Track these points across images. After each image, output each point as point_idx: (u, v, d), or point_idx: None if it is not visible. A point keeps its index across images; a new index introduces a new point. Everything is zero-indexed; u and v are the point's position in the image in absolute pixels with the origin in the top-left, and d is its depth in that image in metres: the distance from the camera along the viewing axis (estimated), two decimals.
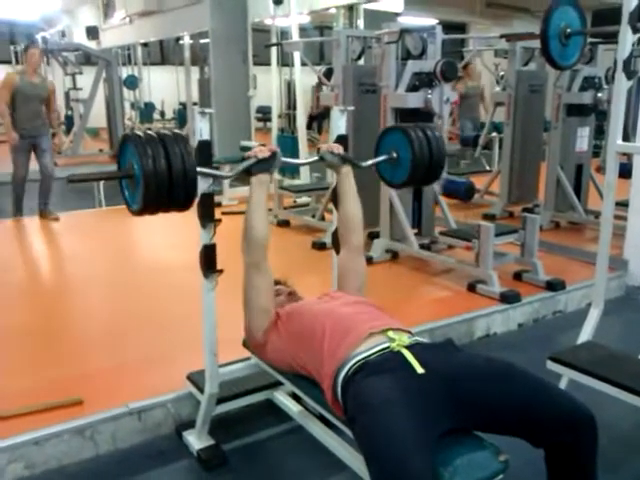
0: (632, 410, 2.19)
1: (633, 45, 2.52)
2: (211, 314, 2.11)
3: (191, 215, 2.00)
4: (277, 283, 2.18)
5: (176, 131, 1.85)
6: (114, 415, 2.36)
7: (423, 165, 2.26)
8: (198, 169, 1.81)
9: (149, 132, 1.78)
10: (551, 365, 2.35)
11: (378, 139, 2.42)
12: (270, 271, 2.00)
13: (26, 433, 2.22)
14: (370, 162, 2.34)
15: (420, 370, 1.55)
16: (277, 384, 2.39)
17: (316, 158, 2.21)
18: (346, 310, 1.87)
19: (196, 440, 2.32)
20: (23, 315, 3.46)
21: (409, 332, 1.77)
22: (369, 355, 1.64)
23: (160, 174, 1.69)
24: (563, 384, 2.44)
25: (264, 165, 1.97)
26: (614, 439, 2.32)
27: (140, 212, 1.77)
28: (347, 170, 2.17)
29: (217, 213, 2.04)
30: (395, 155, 2.30)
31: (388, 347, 1.65)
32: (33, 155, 5.73)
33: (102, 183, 6.26)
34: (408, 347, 1.64)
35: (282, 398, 2.40)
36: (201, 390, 2.28)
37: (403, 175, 2.31)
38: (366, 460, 1.45)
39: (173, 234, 5.02)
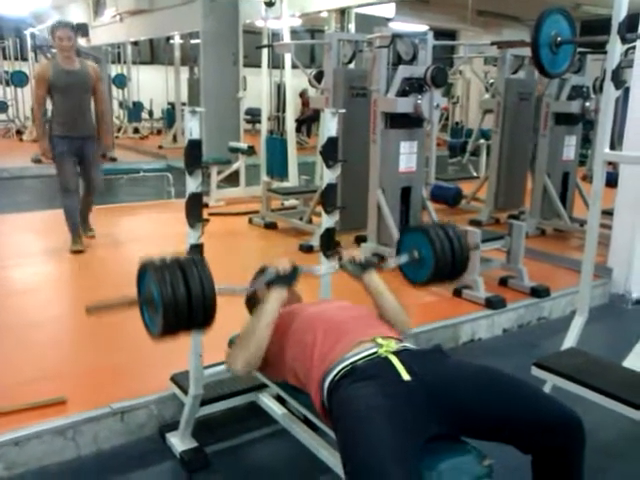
0: (615, 417, 2.20)
1: (622, 55, 2.56)
2: None
3: (181, 216, 1.99)
4: None
5: (195, 257, 1.80)
6: (97, 415, 2.33)
7: (447, 264, 2.15)
8: (216, 288, 1.73)
9: (166, 257, 1.74)
10: (536, 371, 2.36)
11: (399, 239, 2.35)
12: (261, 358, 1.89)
13: (6, 433, 2.19)
14: (392, 263, 2.23)
15: (406, 377, 1.55)
16: (262, 386, 2.38)
17: (336, 267, 2.10)
18: (340, 316, 1.86)
19: (179, 442, 2.30)
20: (4, 311, 3.42)
21: (399, 339, 1.77)
22: (356, 360, 1.63)
23: (179, 300, 1.65)
24: (547, 390, 2.45)
25: (286, 280, 1.91)
26: (597, 446, 2.32)
27: (160, 337, 1.75)
28: (370, 276, 2.04)
29: (205, 214, 2.03)
30: (416, 255, 2.19)
31: (375, 353, 1.64)
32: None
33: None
34: (395, 353, 1.64)
35: (267, 401, 2.39)
36: (185, 391, 2.27)
37: (426, 274, 2.20)
38: (344, 466, 1.44)
39: (160, 233, 4.99)
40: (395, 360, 1.60)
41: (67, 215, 4.55)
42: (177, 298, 1.64)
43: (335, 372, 1.63)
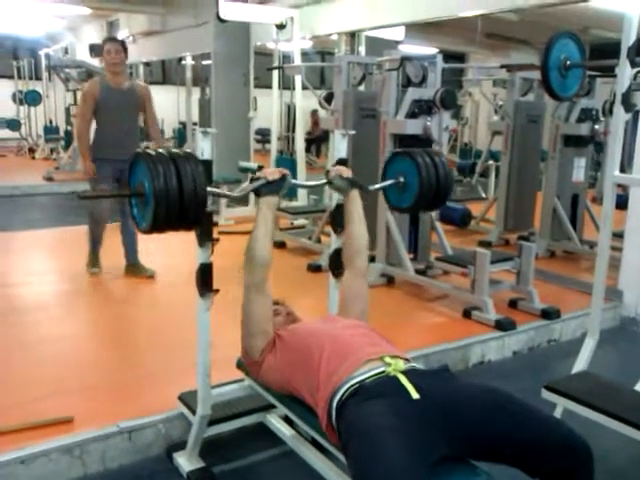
0: (627, 442, 2.17)
1: (631, 78, 2.56)
2: (205, 334, 2.10)
3: (190, 234, 2.00)
4: (275, 303, 2.17)
5: (187, 150, 1.84)
6: (104, 434, 2.32)
7: (430, 191, 2.27)
8: (208, 189, 1.80)
9: (160, 150, 1.77)
10: (546, 394, 2.34)
11: (385, 163, 2.43)
12: (270, 292, 2.00)
13: (13, 451, 2.19)
14: (378, 186, 2.34)
15: (415, 395, 1.54)
16: (270, 407, 2.37)
17: (324, 181, 2.21)
18: (345, 334, 1.85)
19: (186, 462, 2.28)
20: (11, 329, 3.43)
21: (406, 359, 1.76)
22: (364, 379, 1.62)
23: (171, 193, 1.67)
24: (558, 413, 2.42)
25: (273, 187, 1.98)
26: (608, 471, 2.30)
27: (149, 231, 1.76)
28: (355, 194, 2.17)
29: (214, 232, 2.04)
30: (402, 180, 2.31)
31: (384, 372, 1.64)
32: None
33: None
34: (404, 372, 1.63)
35: (275, 421, 2.38)
36: (193, 411, 2.26)
37: (409, 200, 2.31)
38: None
39: (166, 250, 5.01)
40: (404, 379, 1.59)
41: (91, 236, 4.37)
42: (169, 189, 1.65)
43: (343, 391, 1.62)
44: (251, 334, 1.97)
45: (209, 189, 1.81)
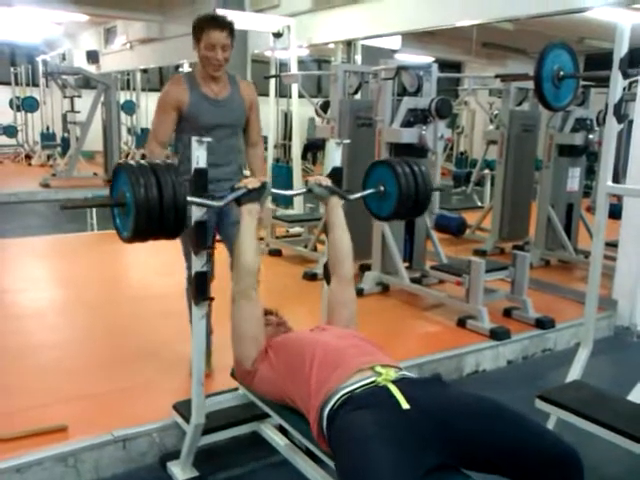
0: (620, 452, 2.18)
1: (624, 90, 2.59)
2: (200, 343, 2.10)
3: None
4: (267, 313, 2.18)
5: (168, 161, 1.88)
6: (98, 443, 2.32)
7: (409, 199, 2.30)
8: (189, 198, 1.85)
9: (141, 162, 1.82)
10: (539, 404, 2.34)
11: (366, 172, 2.46)
12: (259, 300, 2.01)
13: (8, 460, 2.18)
14: (358, 195, 2.36)
15: (405, 405, 1.55)
16: (264, 416, 2.37)
17: (304, 190, 2.25)
18: (336, 343, 1.86)
19: (180, 471, 2.28)
20: (6, 336, 3.42)
21: (398, 367, 1.77)
22: (354, 389, 1.63)
23: (151, 202, 1.72)
24: (551, 423, 2.43)
25: (254, 195, 2.02)
26: None
27: (130, 239, 1.81)
28: (335, 202, 2.20)
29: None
30: (382, 188, 2.33)
31: (374, 381, 1.64)
32: None
33: (94, 208, 6.27)
34: (394, 382, 1.63)
35: (269, 431, 2.38)
36: (187, 420, 2.26)
37: (390, 208, 2.34)
38: None
39: (161, 261, 5.01)
40: (394, 389, 1.60)
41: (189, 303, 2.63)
42: (149, 199, 1.70)
43: (334, 401, 1.63)
44: (242, 343, 1.98)
45: (189, 198, 1.85)
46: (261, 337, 1.99)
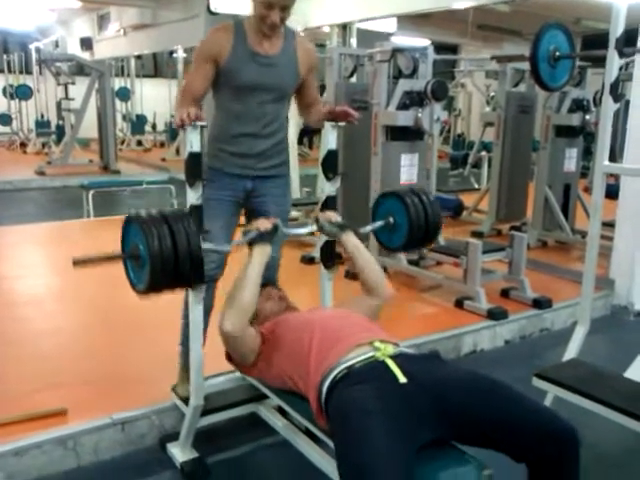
0: (616, 428, 2.19)
1: (620, 69, 2.58)
2: (198, 327, 2.10)
3: None
4: (267, 285, 2.17)
5: (178, 209, 1.84)
6: (97, 426, 2.33)
7: (420, 229, 2.26)
8: (203, 246, 1.79)
9: (152, 212, 1.76)
10: (537, 382, 2.35)
11: (374, 204, 2.42)
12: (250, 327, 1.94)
13: (7, 443, 2.19)
14: (369, 228, 2.31)
15: (403, 379, 1.56)
16: (263, 397, 2.37)
17: (314, 228, 2.18)
18: (335, 322, 1.87)
19: (180, 452, 2.30)
20: (5, 322, 3.43)
21: (396, 344, 1.78)
22: (353, 364, 1.65)
23: (166, 254, 1.68)
24: (548, 401, 2.45)
25: (266, 237, 1.96)
26: (599, 457, 2.33)
27: (145, 292, 1.77)
28: (347, 237, 2.12)
29: None
30: (392, 220, 2.29)
31: (372, 356, 1.66)
32: None
33: (90, 194, 6.25)
34: (392, 357, 1.65)
35: (267, 412, 2.39)
36: (186, 402, 2.27)
37: (400, 240, 2.30)
38: (338, 468, 1.45)
39: None
40: (392, 363, 1.61)
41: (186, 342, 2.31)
42: (163, 251, 1.66)
43: (332, 376, 1.64)
44: (237, 353, 1.97)
45: (204, 246, 1.79)
46: (255, 344, 1.94)
